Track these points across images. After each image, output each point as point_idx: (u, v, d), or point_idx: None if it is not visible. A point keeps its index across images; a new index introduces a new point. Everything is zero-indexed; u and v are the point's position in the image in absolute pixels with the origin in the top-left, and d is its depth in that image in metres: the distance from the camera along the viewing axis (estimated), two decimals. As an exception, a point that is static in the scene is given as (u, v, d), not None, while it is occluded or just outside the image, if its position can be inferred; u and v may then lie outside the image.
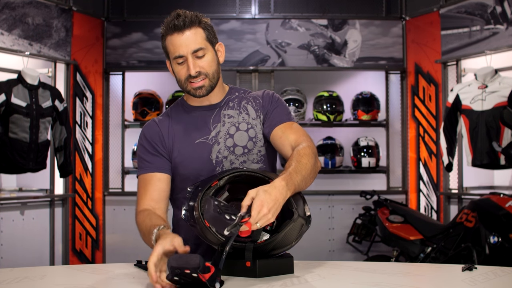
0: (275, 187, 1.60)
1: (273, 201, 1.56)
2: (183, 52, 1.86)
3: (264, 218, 1.55)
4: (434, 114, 5.20)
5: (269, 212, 1.55)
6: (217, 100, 1.99)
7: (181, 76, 1.91)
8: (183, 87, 1.93)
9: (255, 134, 1.95)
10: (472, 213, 3.92)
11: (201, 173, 1.90)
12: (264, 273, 1.63)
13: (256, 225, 1.55)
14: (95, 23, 5.41)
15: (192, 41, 1.86)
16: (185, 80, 1.90)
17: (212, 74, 1.91)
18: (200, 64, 1.88)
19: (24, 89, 4.30)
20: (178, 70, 1.90)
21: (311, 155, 1.77)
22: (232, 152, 1.93)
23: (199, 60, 1.88)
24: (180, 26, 1.86)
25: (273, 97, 2.00)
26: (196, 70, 1.87)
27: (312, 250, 5.17)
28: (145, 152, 1.96)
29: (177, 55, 1.87)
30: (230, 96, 2.01)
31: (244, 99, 2.00)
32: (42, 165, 4.49)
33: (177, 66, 1.90)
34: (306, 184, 1.73)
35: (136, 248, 5.37)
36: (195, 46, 1.86)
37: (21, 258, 4.56)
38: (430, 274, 1.80)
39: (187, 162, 1.93)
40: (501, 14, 4.50)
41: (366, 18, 5.53)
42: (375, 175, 5.58)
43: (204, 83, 1.90)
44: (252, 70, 5.48)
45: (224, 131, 1.94)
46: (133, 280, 1.64)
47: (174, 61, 1.90)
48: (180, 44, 1.86)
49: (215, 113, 1.97)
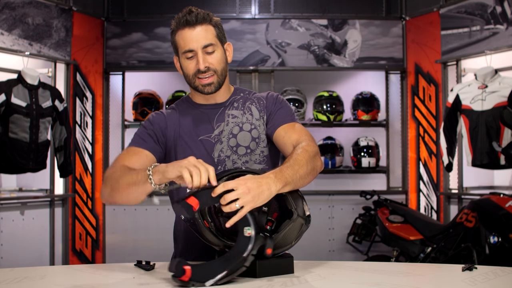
0: (262, 176, 1.59)
1: (256, 184, 1.55)
2: (193, 47, 1.88)
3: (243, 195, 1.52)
4: (434, 114, 5.20)
5: (249, 192, 1.53)
6: (223, 100, 2.00)
7: (189, 71, 1.92)
8: (191, 82, 1.94)
9: (258, 135, 1.96)
10: (472, 213, 3.92)
11: None
12: (264, 273, 1.63)
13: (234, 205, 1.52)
14: (95, 23, 5.41)
15: (203, 37, 1.88)
16: (193, 76, 1.92)
17: (220, 71, 1.93)
18: (210, 60, 1.90)
19: (24, 89, 4.30)
20: (187, 64, 1.91)
21: (309, 152, 1.76)
22: (235, 152, 1.93)
23: (209, 56, 1.90)
24: (192, 22, 1.88)
25: (277, 98, 2.01)
26: (205, 65, 1.89)
27: (312, 250, 5.17)
28: (144, 132, 1.94)
29: (187, 49, 1.89)
30: (235, 97, 2.02)
31: (248, 100, 2.01)
32: (42, 165, 4.49)
33: (186, 61, 1.91)
34: (302, 181, 1.71)
35: (136, 248, 5.40)
36: (206, 41, 1.89)
37: (21, 258, 4.56)
38: (430, 274, 1.80)
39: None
40: (501, 14, 4.50)
41: (366, 18, 5.53)
42: (375, 175, 5.58)
43: (212, 79, 1.91)
44: (252, 70, 5.49)
45: (228, 131, 1.95)
46: (133, 280, 1.64)
47: (183, 56, 1.91)
48: (191, 38, 1.88)
49: (219, 112, 1.98)
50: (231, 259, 1.54)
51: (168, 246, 2.17)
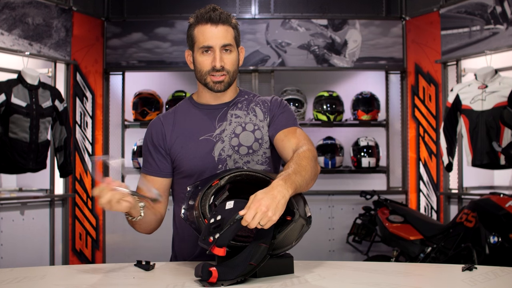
0: (273, 187, 1.58)
1: (271, 199, 1.54)
2: (213, 44, 1.90)
3: (264, 216, 1.52)
4: (434, 114, 5.20)
5: (268, 210, 1.51)
6: (227, 100, 2.02)
7: (204, 66, 1.93)
8: (203, 78, 1.95)
9: (262, 136, 1.97)
10: (472, 213, 3.92)
11: (204, 169, 1.92)
12: (264, 273, 1.63)
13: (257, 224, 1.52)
14: (95, 23, 5.42)
15: (223, 36, 1.91)
16: (206, 72, 1.93)
17: (232, 72, 1.95)
18: (226, 60, 1.92)
19: (24, 89, 4.30)
20: (202, 60, 1.93)
21: (311, 158, 1.78)
22: (237, 151, 1.94)
23: (226, 55, 1.92)
24: (216, 19, 1.91)
25: (281, 102, 2.04)
26: (221, 63, 1.91)
27: (312, 250, 5.17)
28: (148, 152, 2.01)
29: (205, 45, 1.91)
30: (239, 98, 2.04)
31: (253, 102, 2.03)
32: (42, 165, 4.49)
33: (202, 56, 1.93)
34: (307, 186, 1.73)
35: (136, 248, 5.40)
36: (226, 41, 1.91)
37: (21, 258, 4.56)
38: (430, 274, 1.80)
39: (190, 158, 1.94)
40: (501, 14, 4.50)
41: (366, 18, 5.53)
42: (375, 175, 5.58)
43: (224, 78, 1.94)
44: (252, 70, 5.48)
45: (230, 130, 1.96)
46: (133, 280, 1.64)
47: (199, 50, 1.93)
48: (211, 35, 1.90)
49: (222, 111, 1.99)
50: (254, 251, 1.56)
51: (168, 246, 2.18)
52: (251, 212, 1.51)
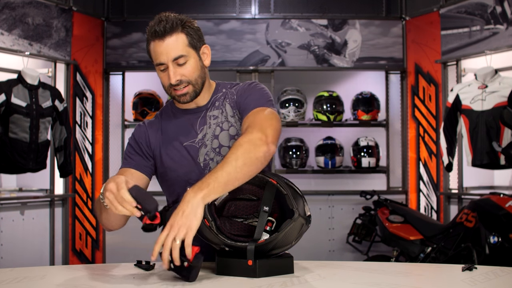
0: (182, 201, 1.60)
1: (179, 214, 1.56)
2: (163, 60, 1.84)
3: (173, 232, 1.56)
4: (434, 114, 5.20)
5: (177, 225, 1.56)
6: (204, 102, 1.96)
7: (164, 83, 1.90)
8: (168, 92, 1.92)
9: (236, 132, 1.91)
10: (472, 213, 3.92)
11: (190, 176, 1.87)
12: (264, 273, 1.63)
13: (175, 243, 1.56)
14: (95, 23, 5.42)
15: (172, 49, 1.83)
16: (168, 87, 1.89)
17: (195, 80, 1.88)
18: (181, 71, 1.85)
19: (24, 89, 4.30)
20: (161, 76, 1.89)
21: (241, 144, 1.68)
22: (218, 153, 1.89)
23: (180, 68, 1.85)
24: (161, 33, 1.83)
25: (247, 88, 1.93)
26: (176, 78, 1.85)
27: (312, 250, 5.17)
28: (130, 150, 1.97)
29: (158, 63, 1.86)
30: (216, 96, 1.97)
31: (228, 97, 1.96)
32: (42, 165, 4.49)
33: (160, 73, 1.89)
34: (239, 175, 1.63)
35: (136, 248, 5.39)
36: (176, 53, 1.83)
37: (21, 258, 4.56)
38: (430, 274, 1.80)
39: (176, 166, 1.91)
40: (501, 14, 4.50)
41: (366, 18, 5.53)
42: (375, 175, 5.58)
43: (187, 90, 1.88)
44: (252, 70, 5.49)
45: (210, 133, 1.92)
46: (133, 280, 1.64)
47: (157, 68, 1.89)
48: (160, 51, 1.84)
49: (201, 115, 1.94)
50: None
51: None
52: (164, 233, 1.58)
